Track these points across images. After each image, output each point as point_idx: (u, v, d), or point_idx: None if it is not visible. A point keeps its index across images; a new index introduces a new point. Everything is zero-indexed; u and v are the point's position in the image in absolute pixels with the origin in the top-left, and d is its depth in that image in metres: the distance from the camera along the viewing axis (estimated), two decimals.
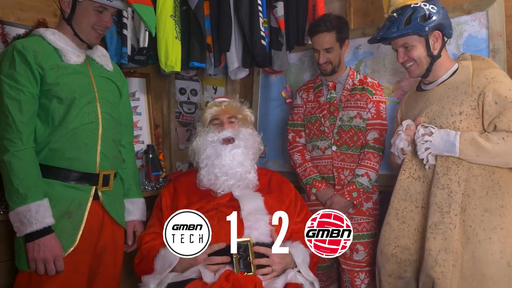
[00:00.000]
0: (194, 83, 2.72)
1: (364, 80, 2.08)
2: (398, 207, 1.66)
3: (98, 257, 1.54)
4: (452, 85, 1.58)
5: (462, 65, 1.61)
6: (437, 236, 1.51)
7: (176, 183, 1.80)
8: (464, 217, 1.49)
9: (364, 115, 2.03)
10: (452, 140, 1.49)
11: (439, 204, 1.52)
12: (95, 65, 1.58)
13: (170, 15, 2.08)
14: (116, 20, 2.07)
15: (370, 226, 2.02)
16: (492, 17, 1.91)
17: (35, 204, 1.34)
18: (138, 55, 2.10)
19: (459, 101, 1.54)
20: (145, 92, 2.44)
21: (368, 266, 2.01)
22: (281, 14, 2.34)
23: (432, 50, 1.59)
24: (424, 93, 1.69)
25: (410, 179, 1.64)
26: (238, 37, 2.35)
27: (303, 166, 2.11)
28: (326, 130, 2.06)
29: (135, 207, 1.73)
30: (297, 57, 2.64)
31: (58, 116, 1.43)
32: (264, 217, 1.57)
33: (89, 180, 1.49)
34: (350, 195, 1.96)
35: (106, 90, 1.58)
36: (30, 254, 1.35)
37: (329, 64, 2.04)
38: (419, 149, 1.56)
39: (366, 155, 2.00)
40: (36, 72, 1.39)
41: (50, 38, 1.46)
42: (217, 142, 1.70)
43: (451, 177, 1.51)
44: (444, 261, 1.48)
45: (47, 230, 1.36)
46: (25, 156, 1.36)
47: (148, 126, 2.43)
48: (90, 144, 1.48)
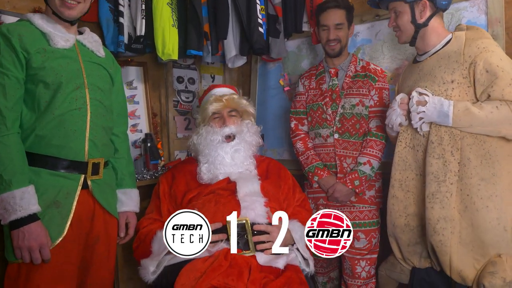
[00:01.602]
0: (191, 71, 2.71)
1: (367, 67, 2.07)
2: (401, 178, 1.70)
3: (90, 247, 1.51)
4: (444, 54, 1.61)
5: (456, 35, 1.63)
6: (434, 206, 1.55)
7: (175, 171, 1.81)
8: (461, 185, 1.53)
9: (366, 102, 2.02)
10: (445, 110, 1.51)
11: (435, 174, 1.56)
12: (85, 51, 1.53)
13: (167, 2, 2.06)
14: (113, 8, 2.05)
15: (372, 214, 2.03)
16: (491, 3, 1.90)
17: (19, 190, 1.30)
18: (135, 43, 2.08)
19: (451, 70, 1.56)
20: (142, 81, 2.43)
21: (369, 254, 2.03)
22: (278, 1, 2.33)
23: (417, 18, 1.63)
24: (418, 64, 1.72)
25: (406, 148, 1.68)
26: (235, 24, 2.33)
27: (306, 154, 2.11)
28: (328, 118, 2.05)
29: (128, 198, 1.68)
30: (295, 44, 2.62)
31: (44, 102, 1.39)
32: (260, 199, 1.60)
33: (78, 169, 1.45)
34: (352, 183, 1.96)
35: (96, 76, 1.53)
36: (15, 242, 1.32)
37: (338, 42, 2.03)
38: (413, 118, 1.59)
39: (369, 143, 1.99)
40: (21, 56, 1.35)
41: (38, 22, 1.43)
42: (219, 141, 1.70)
43: (444, 147, 1.55)
44: (443, 230, 1.53)
45: (32, 217, 1.32)
46: (10, 141, 1.33)
47: (146, 115, 2.43)
48: (78, 131, 1.43)
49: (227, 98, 1.79)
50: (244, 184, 1.64)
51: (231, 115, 1.78)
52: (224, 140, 1.71)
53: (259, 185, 1.66)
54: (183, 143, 2.61)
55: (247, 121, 1.81)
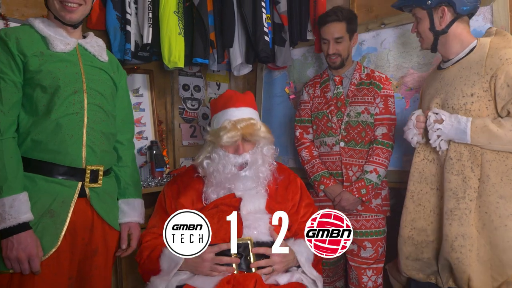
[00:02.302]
0: (197, 79, 2.73)
1: (372, 74, 2.06)
2: (414, 190, 1.67)
3: (89, 259, 1.44)
4: (466, 65, 1.55)
5: (480, 43, 1.56)
6: (453, 222, 1.51)
7: (181, 184, 1.72)
8: (480, 202, 1.49)
9: (371, 110, 2.01)
10: (463, 128, 1.48)
11: (454, 190, 1.52)
12: (86, 55, 1.50)
13: (173, 11, 2.08)
14: (120, 16, 2.07)
15: (379, 223, 2.01)
16: (497, 12, 1.90)
17: (9, 198, 1.24)
18: (141, 51, 2.10)
19: (471, 82, 1.51)
20: (148, 89, 2.45)
21: (375, 263, 2.01)
22: (284, 9, 2.34)
23: (436, 25, 1.59)
24: (441, 71, 1.67)
25: (424, 161, 1.65)
26: (241, 33, 2.35)
27: (311, 162, 2.10)
28: (334, 126, 2.05)
29: (131, 208, 1.60)
30: (300, 53, 2.64)
31: (42, 106, 1.35)
32: (264, 217, 1.54)
33: (75, 176, 1.39)
34: (358, 191, 1.94)
35: (96, 80, 1.49)
36: (4, 252, 1.26)
37: (338, 56, 2.03)
38: (431, 137, 1.56)
39: (375, 151, 1.98)
40: (18, 59, 1.33)
41: (38, 26, 1.41)
42: (231, 170, 1.58)
43: (464, 163, 1.50)
44: (460, 247, 1.48)
45: (22, 226, 1.25)
46: (2, 146, 1.28)
47: (151, 122, 2.44)
48: (75, 136, 1.38)
49: (244, 126, 1.59)
50: (249, 201, 1.57)
51: (246, 139, 1.61)
52: (234, 168, 1.59)
53: (265, 201, 1.59)
54: (188, 151, 2.61)
55: (261, 145, 1.64)
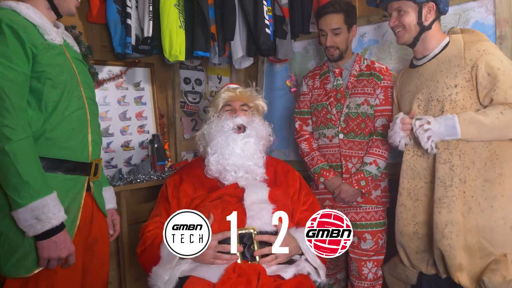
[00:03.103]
0: (198, 72, 2.72)
1: (372, 66, 2.05)
2: (409, 187, 1.69)
3: (90, 250, 1.45)
4: (445, 59, 1.61)
5: (453, 39, 1.63)
6: (442, 210, 1.55)
7: (182, 173, 1.77)
8: (465, 188, 1.53)
9: (371, 101, 2.00)
10: (452, 124, 1.51)
11: (442, 179, 1.56)
12: (68, 47, 1.43)
13: (174, 4, 2.07)
14: (121, 10, 2.07)
15: (379, 215, 2.01)
16: (499, 3, 1.88)
17: (49, 197, 1.21)
18: (142, 44, 2.10)
19: (453, 74, 1.56)
20: (149, 82, 2.45)
21: (375, 255, 2.02)
22: (285, 2, 2.33)
23: (424, 19, 1.62)
24: (417, 69, 1.71)
25: (415, 157, 1.67)
26: (242, 25, 2.34)
27: (311, 155, 2.10)
28: (333, 118, 2.04)
29: (110, 195, 1.63)
30: (302, 45, 2.62)
31: (52, 101, 1.28)
32: (267, 207, 1.56)
33: (84, 170, 1.38)
34: (358, 183, 1.95)
35: (84, 73, 1.46)
36: (46, 253, 1.22)
37: (336, 49, 2.02)
38: (422, 140, 1.57)
39: (375, 142, 1.98)
40: (29, 51, 1.23)
41: (26, 13, 1.27)
42: (230, 130, 1.66)
43: (452, 151, 1.55)
44: (450, 233, 1.52)
45: (63, 224, 1.25)
46: (30, 145, 1.22)
47: (153, 116, 2.44)
48: (84, 132, 1.38)
49: (240, 91, 1.78)
50: (252, 191, 1.60)
51: (243, 109, 1.75)
52: (235, 129, 1.66)
53: (268, 192, 1.62)
54: (190, 144, 2.62)
55: (258, 117, 1.78)
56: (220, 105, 1.76)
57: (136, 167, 2.29)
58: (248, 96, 1.79)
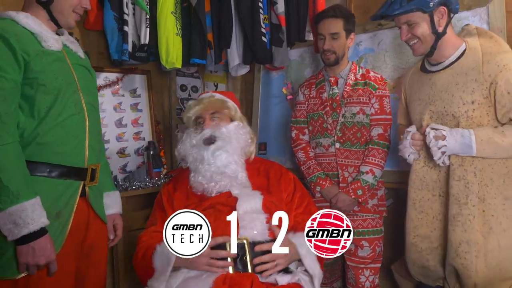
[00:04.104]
0: (195, 79, 2.73)
1: (367, 75, 2.06)
2: (415, 197, 1.65)
3: (85, 256, 1.44)
4: (461, 70, 1.52)
5: (470, 46, 1.54)
6: (456, 228, 1.50)
7: (176, 182, 1.75)
8: (484, 207, 1.47)
9: (367, 110, 2.01)
10: (468, 142, 1.46)
11: (456, 196, 1.51)
12: (71, 53, 1.45)
13: (171, 11, 2.09)
14: (118, 17, 2.08)
15: (376, 222, 2.01)
16: (493, 12, 1.91)
17: (29, 202, 1.21)
18: (139, 51, 2.10)
19: (470, 90, 1.49)
20: (146, 89, 2.45)
21: (373, 262, 2.01)
22: (281, 10, 2.34)
23: (437, 27, 1.52)
24: (430, 75, 1.62)
25: (425, 168, 1.62)
26: (238, 33, 2.36)
27: (307, 164, 2.09)
28: (329, 127, 2.04)
29: (113, 200, 1.62)
30: (298, 53, 2.64)
31: (45, 107, 1.30)
32: (260, 216, 1.53)
33: (78, 175, 1.38)
34: (355, 192, 1.95)
35: (85, 79, 1.47)
36: (23, 259, 1.22)
37: (332, 53, 2.01)
38: (435, 154, 1.52)
39: (371, 151, 1.98)
40: (21, 58, 1.25)
41: (25, 22, 1.31)
42: (199, 145, 1.61)
43: (466, 168, 1.49)
44: (465, 253, 1.47)
45: (42, 231, 1.24)
46: (14, 150, 1.23)
47: (149, 123, 2.44)
48: (79, 137, 1.38)
49: (207, 101, 1.69)
50: (245, 200, 1.56)
51: (213, 117, 1.67)
52: (202, 144, 1.61)
53: (261, 200, 1.59)
54: None
55: (236, 123, 1.69)
56: (191, 121, 1.71)
57: (131, 174, 2.28)
58: (217, 102, 1.70)
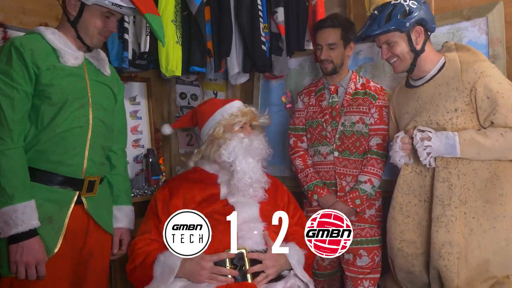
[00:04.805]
0: (194, 87, 2.73)
1: (367, 84, 2.06)
2: (402, 202, 1.68)
3: (84, 263, 1.50)
4: (442, 81, 1.60)
5: (449, 59, 1.62)
6: (439, 229, 1.53)
7: (172, 187, 1.72)
8: (465, 209, 1.51)
9: (366, 120, 2.00)
10: (452, 142, 1.51)
11: (440, 197, 1.55)
12: (92, 69, 1.55)
13: (171, 20, 2.09)
14: (118, 24, 2.07)
15: (374, 231, 1.99)
16: (492, 23, 1.92)
17: (21, 205, 1.31)
18: (139, 59, 2.11)
19: (452, 98, 1.56)
20: (145, 97, 2.45)
21: (372, 272, 1.98)
22: (281, 19, 2.35)
23: (415, 45, 1.61)
24: (414, 90, 1.70)
25: (412, 173, 1.67)
26: (238, 42, 2.36)
27: (305, 171, 2.08)
28: (328, 135, 2.04)
29: (123, 215, 1.69)
30: (297, 62, 2.65)
31: (47, 118, 1.40)
32: (258, 225, 1.54)
33: (73, 185, 1.46)
34: (353, 202, 1.93)
35: (101, 95, 1.56)
36: (13, 257, 1.31)
37: (330, 62, 2.01)
38: (421, 155, 1.57)
39: (369, 161, 1.97)
40: (32, 71, 1.37)
41: (49, 38, 1.44)
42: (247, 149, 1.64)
43: (451, 171, 1.54)
44: (448, 254, 1.50)
45: (32, 232, 1.32)
46: (15, 155, 1.33)
47: (148, 130, 2.43)
48: (78, 149, 1.45)
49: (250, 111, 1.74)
50: (242, 209, 1.57)
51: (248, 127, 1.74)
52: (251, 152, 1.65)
53: (258, 209, 1.60)
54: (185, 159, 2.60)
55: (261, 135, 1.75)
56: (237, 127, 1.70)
57: (130, 181, 2.27)
58: (254, 115, 1.76)
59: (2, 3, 1.84)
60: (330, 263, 2.09)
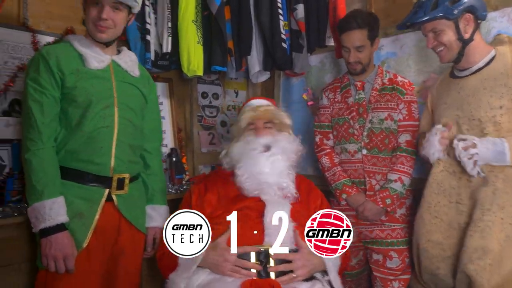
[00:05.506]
0: (215, 87, 2.75)
1: (394, 79, 1.99)
2: (431, 201, 1.61)
3: (115, 259, 1.55)
4: (489, 75, 1.50)
5: (500, 52, 1.52)
6: (474, 234, 1.46)
7: (208, 182, 1.76)
8: (503, 214, 1.44)
9: (395, 116, 1.94)
10: (500, 149, 1.43)
11: (482, 201, 1.47)
12: (119, 71, 1.60)
13: (192, 20, 2.11)
14: (140, 26, 2.12)
15: (404, 232, 1.92)
16: None
17: (49, 201, 1.38)
18: (161, 60, 2.13)
19: (499, 94, 1.46)
20: (168, 97, 2.48)
21: (402, 274, 1.92)
22: (301, 16, 2.34)
23: (463, 33, 1.51)
24: (457, 80, 1.61)
25: (444, 172, 1.59)
26: (259, 40, 2.36)
27: (332, 170, 2.03)
28: (356, 133, 1.98)
29: (157, 214, 1.72)
30: (318, 59, 2.63)
31: (75, 119, 1.48)
32: (288, 225, 1.51)
33: (103, 183, 1.52)
34: (383, 201, 1.88)
35: (127, 95, 1.60)
36: (43, 250, 1.38)
37: (359, 64, 1.96)
38: (468, 165, 1.48)
39: (399, 159, 1.91)
40: (57, 76, 1.46)
41: (75, 44, 1.53)
42: (256, 151, 1.63)
43: (497, 174, 1.46)
44: (479, 260, 1.43)
45: (59, 227, 1.38)
46: (45, 155, 1.42)
47: (171, 130, 2.46)
48: (105, 148, 1.51)
49: (263, 109, 1.74)
50: (273, 207, 1.55)
51: (266, 126, 1.71)
52: (260, 150, 1.64)
53: (289, 209, 1.58)
54: (207, 158, 2.63)
55: (284, 133, 1.74)
56: (243, 126, 1.73)
57: None
58: (271, 112, 1.75)
59: (30, 9, 1.90)
60: (357, 262, 2.05)
